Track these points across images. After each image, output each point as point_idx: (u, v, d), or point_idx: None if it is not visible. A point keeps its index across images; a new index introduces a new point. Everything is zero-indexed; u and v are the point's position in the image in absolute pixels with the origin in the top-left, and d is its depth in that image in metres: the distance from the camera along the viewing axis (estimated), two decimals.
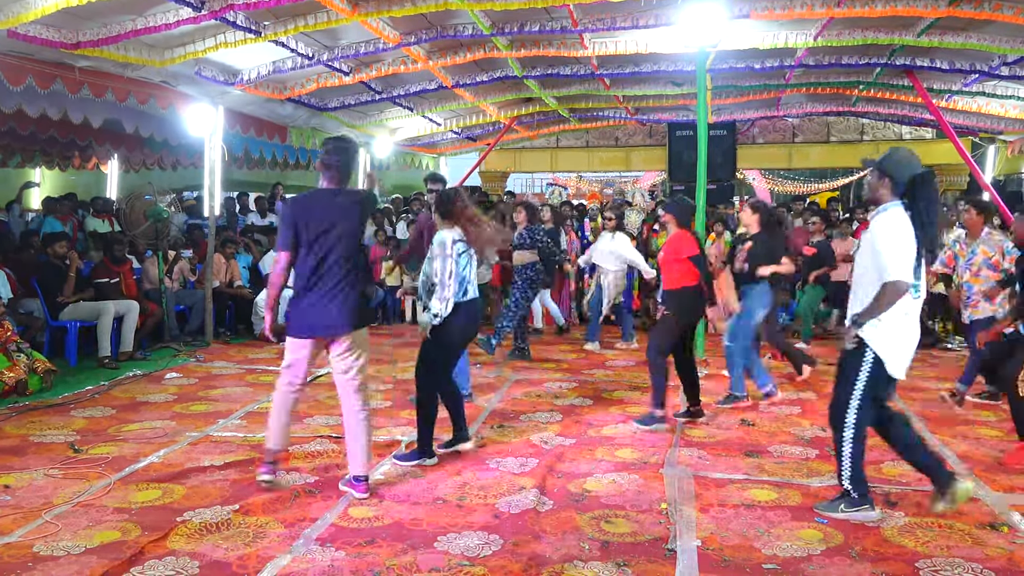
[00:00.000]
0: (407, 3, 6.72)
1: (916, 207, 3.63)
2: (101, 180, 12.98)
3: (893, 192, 3.69)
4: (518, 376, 7.17)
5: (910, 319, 3.71)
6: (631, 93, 11.26)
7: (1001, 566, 3.32)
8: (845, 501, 3.81)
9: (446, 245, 4.53)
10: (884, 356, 3.66)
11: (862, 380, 3.69)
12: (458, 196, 4.71)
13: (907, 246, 3.58)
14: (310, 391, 6.55)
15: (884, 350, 3.65)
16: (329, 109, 10.14)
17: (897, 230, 3.60)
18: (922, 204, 3.62)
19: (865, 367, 3.68)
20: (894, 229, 3.61)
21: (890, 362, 3.67)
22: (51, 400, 6.12)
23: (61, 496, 4.05)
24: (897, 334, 3.68)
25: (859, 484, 3.79)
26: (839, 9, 7.10)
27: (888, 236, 3.60)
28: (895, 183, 3.68)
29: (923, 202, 3.62)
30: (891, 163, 3.71)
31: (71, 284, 7.67)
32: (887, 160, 3.73)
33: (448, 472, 4.49)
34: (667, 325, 5.53)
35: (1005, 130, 11.50)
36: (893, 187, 3.69)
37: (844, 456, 3.77)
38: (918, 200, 3.63)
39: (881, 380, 3.70)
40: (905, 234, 3.59)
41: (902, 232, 3.60)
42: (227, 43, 7.09)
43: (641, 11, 7.59)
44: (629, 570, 3.27)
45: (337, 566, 3.28)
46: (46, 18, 5.85)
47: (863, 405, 3.71)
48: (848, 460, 3.76)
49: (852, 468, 3.77)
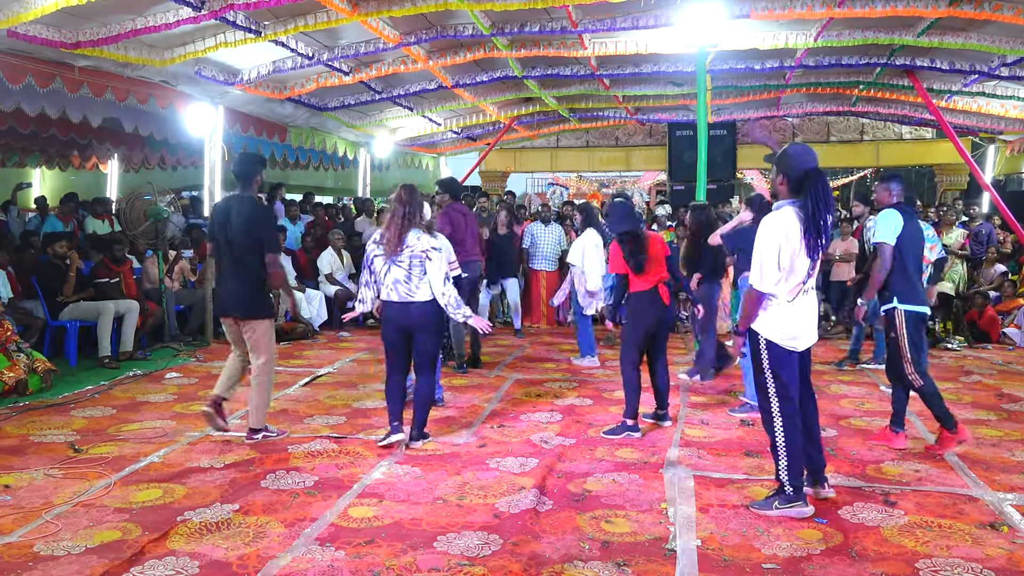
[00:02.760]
0: (407, 3, 6.73)
1: (806, 203, 3.63)
2: (101, 180, 12.99)
3: (790, 189, 3.71)
4: (518, 376, 7.17)
5: (794, 306, 3.76)
6: (631, 93, 11.27)
7: (1001, 566, 3.31)
8: (780, 497, 3.85)
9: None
10: (772, 336, 3.74)
11: (765, 365, 3.78)
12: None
13: (772, 254, 3.64)
14: (310, 391, 6.56)
15: (770, 332, 3.75)
16: (329, 109, 10.14)
17: (769, 235, 3.65)
18: (810, 200, 3.61)
19: (763, 353, 3.78)
20: (767, 234, 3.66)
21: (782, 339, 3.75)
22: (51, 400, 6.12)
23: (61, 496, 4.05)
24: (781, 318, 3.75)
25: (795, 478, 3.81)
26: (839, 9, 7.11)
27: (759, 241, 3.68)
28: (790, 180, 3.70)
29: (812, 198, 3.61)
30: (786, 160, 3.72)
31: (71, 284, 7.67)
32: (782, 157, 3.75)
33: (448, 472, 4.49)
34: (626, 333, 5.40)
35: (1005, 130, 11.51)
36: (789, 184, 3.71)
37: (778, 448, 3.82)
38: (807, 196, 3.63)
39: (783, 360, 3.76)
40: (775, 239, 3.63)
41: (773, 238, 3.64)
42: (227, 43, 7.09)
43: (641, 11, 7.60)
44: (629, 570, 3.27)
45: (337, 566, 3.28)
46: (46, 17, 5.86)
47: (778, 391, 3.77)
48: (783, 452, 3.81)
49: (788, 460, 3.80)
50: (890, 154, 14.33)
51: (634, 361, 5.33)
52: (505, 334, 9.67)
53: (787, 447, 3.79)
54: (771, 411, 3.81)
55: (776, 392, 3.79)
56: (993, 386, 6.88)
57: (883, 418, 5.33)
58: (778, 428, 3.81)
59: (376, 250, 4.86)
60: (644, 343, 5.37)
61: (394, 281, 4.80)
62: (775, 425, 3.81)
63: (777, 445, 3.82)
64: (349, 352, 8.24)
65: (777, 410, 3.80)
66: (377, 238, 4.88)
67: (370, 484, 4.27)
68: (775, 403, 3.80)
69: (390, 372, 4.99)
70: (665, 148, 14.29)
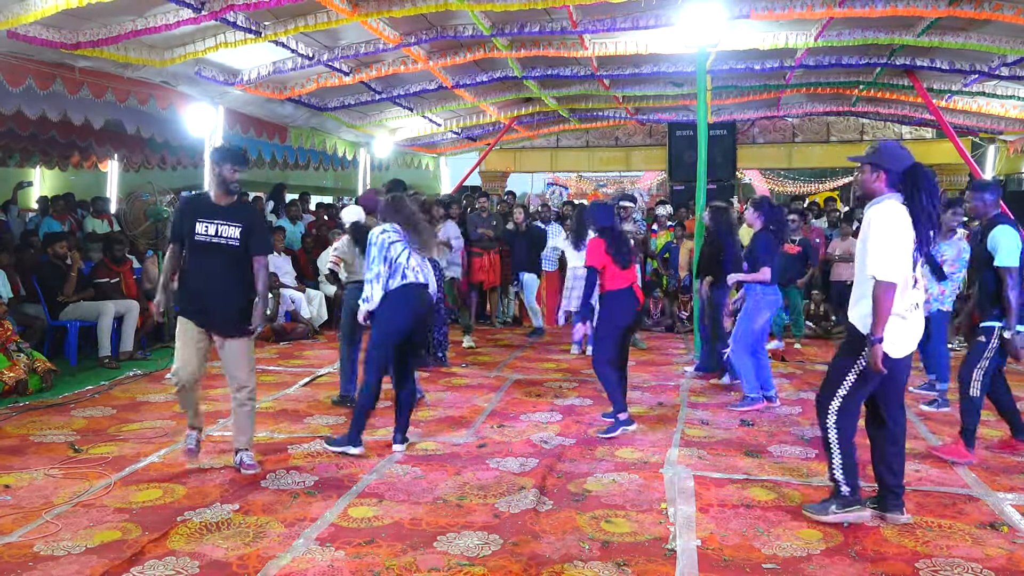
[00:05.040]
0: (407, 3, 6.73)
1: (916, 198, 3.51)
2: (101, 180, 12.98)
3: (888, 185, 3.59)
4: (518, 376, 7.17)
5: (917, 311, 3.63)
6: (631, 94, 11.27)
7: (1001, 566, 3.32)
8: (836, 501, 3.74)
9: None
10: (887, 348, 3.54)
11: (860, 362, 3.60)
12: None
13: (898, 241, 3.48)
14: (310, 391, 6.57)
15: (887, 342, 3.54)
16: (329, 109, 10.14)
17: (890, 222, 3.49)
18: (924, 195, 3.50)
19: (860, 361, 3.60)
20: (886, 221, 3.50)
21: (892, 348, 3.57)
22: (51, 400, 6.12)
23: (61, 496, 4.05)
24: (901, 326, 3.59)
25: (852, 477, 3.71)
26: (839, 9, 7.10)
27: (878, 229, 3.50)
28: (890, 175, 3.58)
29: (924, 192, 3.50)
30: (884, 156, 3.60)
31: (72, 284, 7.68)
32: (878, 153, 3.62)
33: (448, 472, 4.49)
34: (603, 333, 5.37)
35: (1005, 130, 11.50)
36: (888, 180, 3.59)
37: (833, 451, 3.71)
38: (919, 191, 3.51)
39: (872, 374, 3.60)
40: (898, 227, 3.50)
41: (895, 224, 3.50)
42: (227, 43, 7.09)
43: (641, 12, 7.59)
44: (629, 570, 3.27)
45: (337, 566, 3.28)
46: (46, 19, 5.85)
47: (851, 390, 3.65)
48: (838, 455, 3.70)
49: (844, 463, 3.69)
50: None
51: (613, 360, 5.33)
52: (504, 334, 9.68)
53: (840, 443, 3.67)
54: (828, 407, 3.68)
55: (848, 391, 3.64)
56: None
57: None
58: (831, 424, 3.68)
59: (392, 236, 4.80)
60: (621, 342, 5.39)
61: (418, 263, 4.83)
62: (828, 421, 3.68)
63: (830, 441, 3.70)
64: None
65: (836, 407, 3.66)
66: (388, 228, 4.83)
67: (370, 484, 4.27)
68: (837, 401, 3.65)
69: (381, 375, 4.83)
70: (665, 148, 14.29)
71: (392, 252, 4.75)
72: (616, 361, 5.35)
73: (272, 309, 9.09)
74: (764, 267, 5.90)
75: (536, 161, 15.77)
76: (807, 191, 21.57)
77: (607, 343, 5.33)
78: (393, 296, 4.74)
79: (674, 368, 7.60)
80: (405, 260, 4.77)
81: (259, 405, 5.96)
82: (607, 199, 5.88)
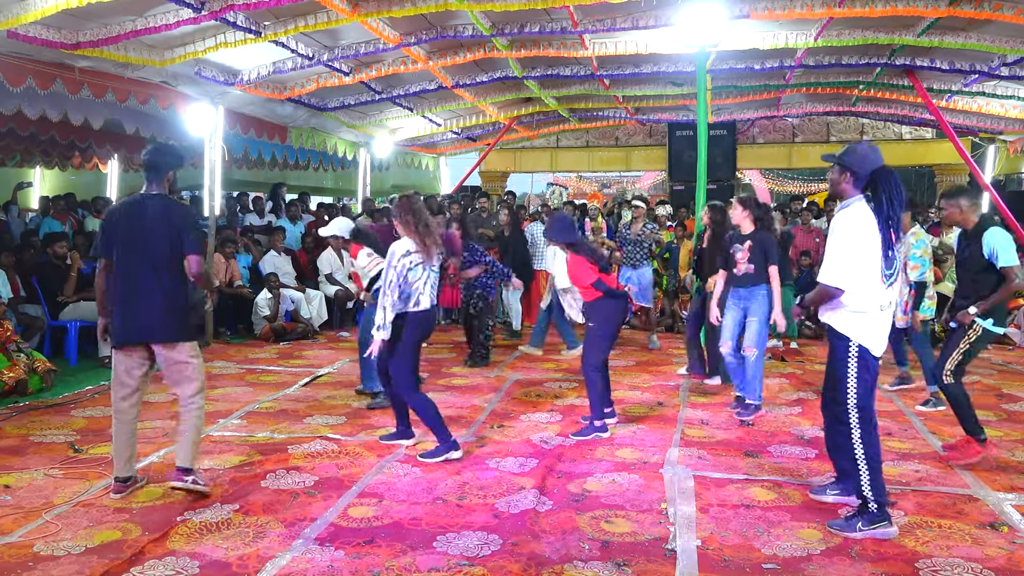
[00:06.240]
0: (407, 3, 6.73)
1: (878, 201, 3.59)
2: (101, 180, 12.99)
3: (855, 186, 3.67)
4: (518, 376, 7.17)
5: (886, 313, 3.69)
6: (631, 93, 11.27)
7: (1001, 566, 3.32)
8: (864, 517, 3.65)
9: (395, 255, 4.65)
10: (866, 342, 3.64)
11: (852, 372, 3.65)
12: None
13: (855, 249, 3.56)
14: (310, 391, 6.56)
15: (864, 337, 3.64)
16: (329, 109, 10.14)
17: (850, 229, 3.58)
18: (884, 198, 3.57)
19: (852, 360, 3.65)
20: (847, 228, 3.59)
21: (873, 346, 3.66)
22: (51, 400, 6.12)
23: (61, 496, 4.05)
24: (873, 324, 3.66)
25: (880, 493, 3.65)
26: (839, 9, 7.10)
27: (837, 236, 3.61)
28: (857, 177, 3.66)
29: (885, 195, 3.57)
30: (851, 157, 3.68)
31: (72, 284, 7.67)
32: (847, 154, 3.70)
33: (448, 472, 4.49)
34: (594, 337, 5.36)
35: (1005, 130, 11.51)
36: (855, 181, 3.66)
37: (859, 460, 3.65)
38: (882, 194, 3.59)
39: (872, 368, 3.66)
40: (858, 233, 3.56)
41: (856, 231, 3.57)
42: (227, 43, 7.09)
43: (641, 12, 7.59)
44: (629, 570, 3.27)
45: (337, 566, 3.28)
46: (46, 19, 5.86)
47: (859, 400, 3.65)
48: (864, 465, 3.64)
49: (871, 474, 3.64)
50: (890, 154, 14.22)
51: (600, 364, 5.34)
52: (504, 334, 9.67)
53: (867, 459, 3.64)
54: (848, 422, 3.67)
55: (857, 402, 3.65)
56: (993, 386, 6.88)
57: (882, 417, 5.33)
58: (856, 440, 3.65)
59: (413, 260, 4.65)
60: (611, 345, 5.41)
61: (433, 285, 4.79)
62: (853, 437, 3.66)
63: (857, 458, 3.66)
64: (349, 352, 8.23)
65: (856, 420, 3.65)
66: (411, 248, 4.65)
67: (370, 484, 4.27)
68: (854, 414, 3.66)
69: (417, 384, 4.82)
70: (665, 148, 14.30)
71: (411, 277, 4.66)
72: (604, 366, 5.39)
73: (272, 309, 9.10)
74: (772, 266, 5.85)
75: (536, 161, 15.77)
76: (807, 191, 21.57)
77: (600, 346, 5.35)
78: (411, 318, 4.71)
79: (674, 368, 7.59)
80: (422, 286, 4.71)
81: (258, 405, 5.99)
82: (560, 210, 5.80)
